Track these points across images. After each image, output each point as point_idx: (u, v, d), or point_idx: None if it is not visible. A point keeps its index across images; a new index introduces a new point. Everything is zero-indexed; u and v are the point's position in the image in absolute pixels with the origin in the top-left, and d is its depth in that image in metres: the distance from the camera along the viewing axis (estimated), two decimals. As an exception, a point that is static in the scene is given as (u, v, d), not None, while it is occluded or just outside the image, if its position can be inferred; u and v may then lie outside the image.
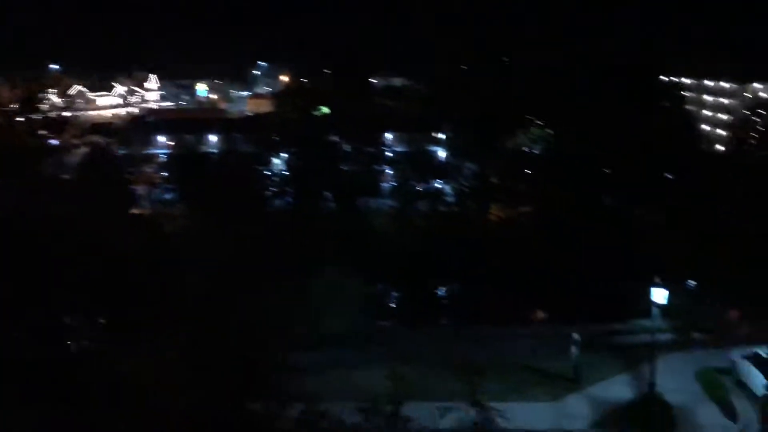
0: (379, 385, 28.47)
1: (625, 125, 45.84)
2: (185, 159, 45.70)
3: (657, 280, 25.04)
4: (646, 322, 35.50)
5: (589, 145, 48.17)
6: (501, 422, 17.96)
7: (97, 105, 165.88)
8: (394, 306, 47.53)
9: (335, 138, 53.71)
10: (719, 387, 28.63)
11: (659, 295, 24.68)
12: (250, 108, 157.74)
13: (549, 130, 51.83)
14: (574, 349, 29.55)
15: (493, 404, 18.90)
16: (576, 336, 29.46)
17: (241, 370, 14.12)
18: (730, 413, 26.86)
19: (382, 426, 16.77)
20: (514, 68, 52.56)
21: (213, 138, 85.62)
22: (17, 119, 43.17)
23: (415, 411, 18.54)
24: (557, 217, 45.24)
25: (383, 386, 28.35)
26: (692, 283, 38.47)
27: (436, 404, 20.87)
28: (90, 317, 15.25)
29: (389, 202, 52.82)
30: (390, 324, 45.58)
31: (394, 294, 47.70)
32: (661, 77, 68.68)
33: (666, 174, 50.06)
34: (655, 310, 25.19)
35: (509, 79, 50.60)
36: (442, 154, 67.82)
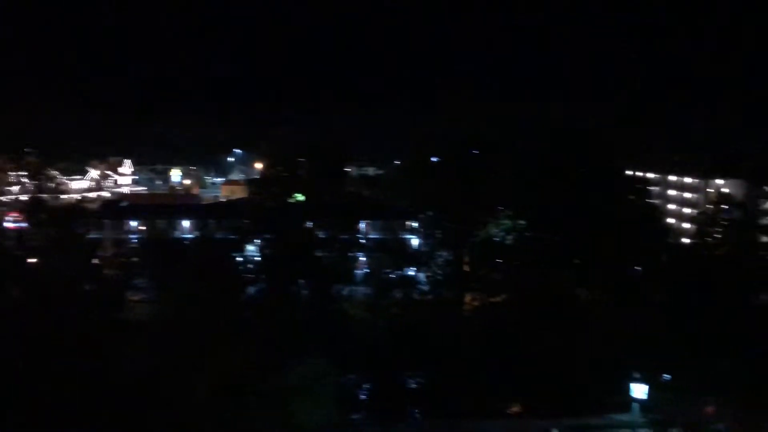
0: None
1: (594, 217, 46.87)
2: (158, 244, 45.33)
3: (635, 374, 24.91)
4: (623, 417, 35.14)
5: (558, 235, 48.98)
6: None
7: (69, 188, 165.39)
8: (366, 397, 46.30)
9: (310, 225, 53.87)
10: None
11: (639, 390, 24.49)
12: (224, 194, 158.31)
13: (520, 221, 52.63)
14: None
15: None
16: (554, 431, 28.93)
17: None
18: None
19: None
20: (486, 160, 53.83)
21: (186, 224, 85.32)
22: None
23: None
24: (531, 307, 45.23)
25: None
26: (667, 376, 38.26)
27: None
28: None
29: (363, 289, 52.41)
30: (362, 416, 44.28)
31: (366, 385, 46.56)
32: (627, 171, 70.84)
33: (635, 265, 50.80)
34: (634, 405, 24.91)
35: (482, 170, 51.72)
36: (415, 242, 68.18)
